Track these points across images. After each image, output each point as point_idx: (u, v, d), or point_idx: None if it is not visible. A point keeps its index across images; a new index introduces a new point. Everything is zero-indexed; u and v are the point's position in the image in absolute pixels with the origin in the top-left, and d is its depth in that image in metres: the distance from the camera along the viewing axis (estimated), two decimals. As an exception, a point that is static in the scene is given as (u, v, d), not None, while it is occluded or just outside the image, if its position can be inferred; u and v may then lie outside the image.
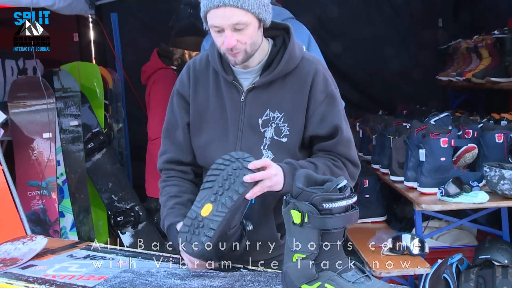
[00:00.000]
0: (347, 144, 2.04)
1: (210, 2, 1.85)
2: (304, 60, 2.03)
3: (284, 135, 2.01)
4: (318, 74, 2.01)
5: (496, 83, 4.31)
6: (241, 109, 2.02)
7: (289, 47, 2.00)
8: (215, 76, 2.08)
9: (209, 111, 2.08)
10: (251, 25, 1.89)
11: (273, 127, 2.01)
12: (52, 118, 4.35)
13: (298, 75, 2.01)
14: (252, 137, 2.02)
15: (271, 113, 2.01)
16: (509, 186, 3.30)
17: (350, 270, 1.58)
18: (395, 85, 5.93)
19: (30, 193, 4.28)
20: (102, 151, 5.13)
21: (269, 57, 2.03)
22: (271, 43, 2.05)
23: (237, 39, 1.89)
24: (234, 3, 1.83)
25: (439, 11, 5.98)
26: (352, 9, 5.85)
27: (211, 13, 1.87)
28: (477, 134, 3.83)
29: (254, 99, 2.02)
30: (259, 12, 1.88)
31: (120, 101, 5.97)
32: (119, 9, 6.06)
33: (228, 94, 2.05)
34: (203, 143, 2.08)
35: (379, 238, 3.90)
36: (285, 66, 1.99)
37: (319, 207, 1.53)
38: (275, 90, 2.01)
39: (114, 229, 5.16)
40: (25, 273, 2.09)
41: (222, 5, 1.84)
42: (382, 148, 4.33)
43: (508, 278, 3.28)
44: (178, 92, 2.15)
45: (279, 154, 2.01)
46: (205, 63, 2.12)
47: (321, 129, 2.01)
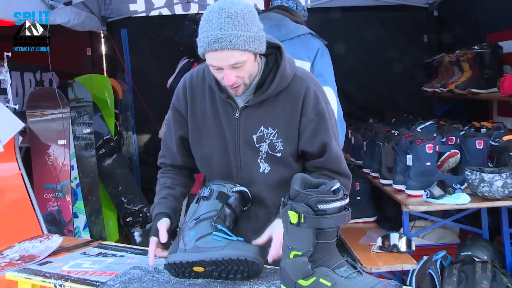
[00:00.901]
0: (336, 159, 2.00)
1: (208, 46, 1.77)
2: (296, 77, 1.97)
3: (278, 150, 1.97)
4: (309, 91, 1.96)
5: (476, 94, 4.32)
6: (236, 125, 1.99)
7: (281, 67, 1.93)
8: (211, 91, 2.04)
9: (207, 125, 2.04)
10: (248, 61, 1.83)
11: (267, 142, 1.97)
12: (66, 126, 4.35)
13: (290, 93, 1.96)
14: (249, 151, 1.99)
15: (265, 130, 1.97)
16: (489, 189, 3.31)
17: (343, 266, 1.59)
18: (385, 96, 5.94)
19: (46, 196, 4.27)
20: (113, 157, 5.12)
21: (262, 75, 1.96)
22: (263, 61, 1.98)
23: (236, 75, 1.84)
24: (231, 46, 1.75)
25: (424, 28, 5.99)
26: (345, 27, 5.86)
27: (209, 54, 1.81)
28: (460, 140, 3.83)
29: (248, 117, 1.97)
30: (255, 48, 1.81)
31: (129, 110, 5.98)
32: (128, 25, 6.08)
33: (223, 110, 2.00)
34: (205, 153, 2.06)
35: (369, 236, 3.90)
36: (277, 85, 1.93)
37: (315, 208, 1.53)
38: (268, 107, 1.96)
39: (123, 228, 5.15)
40: (42, 269, 2.10)
41: (220, 49, 1.76)
42: (372, 154, 4.33)
43: (487, 273, 3.28)
44: (174, 107, 2.12)
45: (275, 166, 1.99)
46: (202, 76, 2.07)
47: (311, 146, 1.97)
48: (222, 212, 1.91)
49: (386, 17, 5.94)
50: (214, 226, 1.86)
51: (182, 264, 1.82)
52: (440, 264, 3.42)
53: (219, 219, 1.89)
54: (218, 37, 1.75)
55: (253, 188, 2.01)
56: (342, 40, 5.61)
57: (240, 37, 1.76)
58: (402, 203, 3.52)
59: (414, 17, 5.97)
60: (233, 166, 2.02)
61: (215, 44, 1.76)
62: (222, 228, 1.86)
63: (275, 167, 1.98)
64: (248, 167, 2.00)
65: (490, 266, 3.33)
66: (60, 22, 4.50)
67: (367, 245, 3.74)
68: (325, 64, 3.09)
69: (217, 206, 1.91)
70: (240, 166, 2.01)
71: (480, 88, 4.29)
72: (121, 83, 5.85)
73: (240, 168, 2.01)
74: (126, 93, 5.90)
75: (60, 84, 4.86)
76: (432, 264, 3.41)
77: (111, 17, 6.04)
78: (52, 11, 4.26)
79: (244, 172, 2.01)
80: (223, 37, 1.74)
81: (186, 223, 1.92)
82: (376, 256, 3.56)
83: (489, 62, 4.31)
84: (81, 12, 5.10)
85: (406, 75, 5.81)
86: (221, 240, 1.82)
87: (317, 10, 5.74)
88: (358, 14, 5.89)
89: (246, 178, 2.01)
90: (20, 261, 2.32)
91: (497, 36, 4.47)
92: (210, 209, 1.91)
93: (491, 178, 3.30)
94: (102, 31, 6.06)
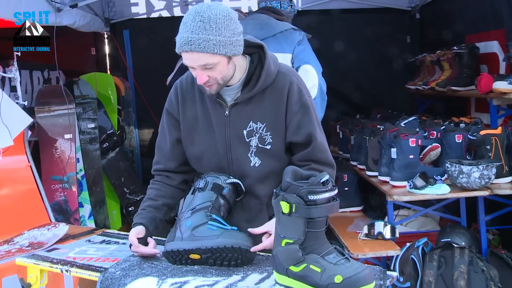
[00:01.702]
0: (322, 148, 1.99)
1: (180, 47, 1.78)
2: (279, 74, 1.97)
3: (268, 143, 1.96)
4: (293, 85, 1.95)
5: (455, 91, 4.32)
6: (226, 122, 1.97)
7: (266, 65, 1.92)
8: (201, 94, 2.02)
9: (198, 126, 2.03)
10: (219, 64, 1.80)
11: (257, 136, 1.96)
12: (72, 121, 4.33)
13: (276, 88, 1.95)
14: (239, 147, 1.98)
15: (254, 124, 1.96)
16: (467, 180, 3.32)
17: (331, 253, 1.59)
18: (371, 93, 5.94)
19: (53, 186, 4.26)
20: (116, 150, 5.11)
21: (247, 74, 1.95)
22: (248, 60, 1.97)
23: (208, 75, 1.83)
24: (199, 49, 1.74)
25: (407, 29, 5.99)
26: (333, 28, 5.85)
27: (182, 54, 1.80)
28: (440, 135, 3.84)
29: (237, 113, 1.96)
30: (226, 51, 1.78)
31: (131, 106, 5.96)
32: (130, 26, 6.05)
33: (213, 110, 1.99)
34: (197, 152, 2.05)
35: (356, 225, 3.91)
36: (263, 82, 1.92)
37: (305, 198, 1.53)
38: (255, 103, 1.95)
39: (126, 217, 5.15)
40: (50, 255, 2.10)
41: (190, 51, 1.76)
42: (359, 147, 4.33)
43: (464, 257, 3.30)
44: (167, 111, 2.10)
45: (265, 159, 1.98)
46: (191, 82, 2.05)
47: (297, 137, 1.97)
48: (217, 202, 1.90)
49: (372, 20, 5.92)
50: (209, 216, 1.86)
51: (179, 252, 1.81)
52: (421, 250, 3.44)
53: (213, 209, 1.88)
54: (189, 40, 1.75)
55: (245, 182, 2.00)
56: (331, 41, 5.62)
57: (210, 41, 1.74)
58: (387, 193, 3.53)
59: (398, 19, 5.97)
60: (225, 162, 2.01)
61: (186, 46, 1.76)
62: (217, 218, 1.86)
63: (265, 160, 1.98)
64: (239, 162, 1.99)
65: (467, 251, 3.35)
66: (66, 24, 4.48)
67: (354, 233, 3.75)
68: (304, 49, 3.20)
69: (212, 197, 1.91)
70: (232, 161, 2.00)
71: (459, 86, 4.30)
72: (123, 80, 5.82)
73: (231, 163, 2.00)
74: (128, 90, 5.88)
75: (66, 82, 4.83)
76: (414, 250, 3.43)
77: (114, 19, 6.01)
78: (59, 13, 4.25)
79: (236, 167, 2.00)
80: (193, 40, 1.74)
81: (182, 213, 1.92)
82: (362, 243, 3.57)
83: (467, 61, 4.32)
84: (86, 14, 5.08)
85: (391, 74, 5.81)
86: (216, 229, 1.82)
87: (307, 13, 5.71)
88: (346, 16, 5.88)
89: (238, 173, 2.00)
90: (29, 247, 2.32)
91: (475, 38, 4.48)
92: (205, 200, 1.90)
93: (469, 170, 3.31)
94: (105, 32, 6.04)
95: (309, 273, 1.56)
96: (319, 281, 1.54)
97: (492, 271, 3.29)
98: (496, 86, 3.58)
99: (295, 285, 1.60)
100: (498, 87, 3.56)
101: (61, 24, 4.26)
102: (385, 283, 1.64)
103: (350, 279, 1.51)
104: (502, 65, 4.11)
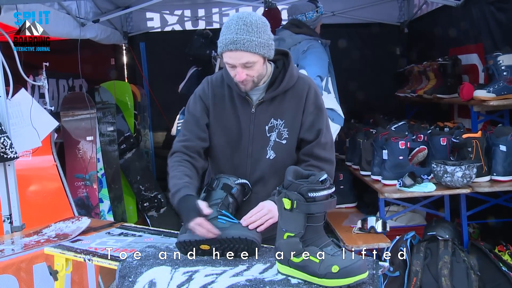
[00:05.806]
0: (323, 147, 2.01)
1: (225, 46, 1.85)
2: (299, 79, 2.05)
3: (284, 138, 2.01)
4: (311, 89, 2.04)
5: (440, 98, 4.32)
6: (252, 119, 2.02)
7: (289, 70, 2.01)
8: (230, 91, 2.06)
9: (225, 119, 2.05)
10: (258, 63, 1.89)
11: (276, 132, 2.01)
12: (93, 125, 4.35)
13: (296, 90, 2.02)
14: (260, 141, 2.02)
15: (274, 121, 2.01)
16: (451, 179, 3.32)
17: (329, 245, 1.58)
18: (364, 100, 5.90)
19: (77, 184, 4.27)
20: (132, 151, 5.12)
21: (272, 77, 2.02)
22: (273, 66, 2.04)
23: (246, 73, 1.90)
24: (244, 48, 1.83)
25: (397, 42, 5.99)
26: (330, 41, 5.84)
27: (225, 54, 1.88)
28: (427, 138, 3.84)
29: (262, 111, 2.02)
30: (264, 52, 1.88)
31: (146, 111, 5.98)
32: (146, 39, 6.08)
33: (240, 106, 2.03)
34: (222, 141, 2.05)
35: (351, 220, 3.92)
36: (286, 84, 2.00)
37: (305, 195, 1.53)
38: (277, 103, 2.02)
39: (141, 212, 5.15)
40: (74, 245, 2.11)
41: (235, 50, 1.84)
42: (354, 149, 4.33)
43: (448, 249, 3.30)
44: (200, 98, 2.08)
45: (279, 153, 2.02)
46: (220, 81, 2.09)
47: (309, 134, 2.01)
48: (226, 200, 1.91)
49: (364, 33, 5.93)
50: (219, 211, 1.86)
51: (191, 242, 1.81)
52: (410, 243, 3.43)
53: (223, 206, 1.89)
54: (234, 40, 1.83)
55: (257, 171, 2.03)
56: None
57: (252, 42, 1.83)
58: (378, 191, 3.53)
59: (388, 33, 5.97)
60: (244, 153, 2.03)
61: (231, 45, 1.84)
62: (226, 213, 1.86)
63: (279, 154, 2.02)
64: (257, 154, 2.03)
65: (450, 243, 3.34)
66: (89, 37, 4.51)
67: (349, 227, 3.75)
68: (305, 57, 3.29)
69: (222, 195, 1.92)
70: (251, 154, 2.03)
71: (443, 94, 4.29)
72: (139, 88, 5.84)
73: (251, 155, 2.03)
74: (144, 96, 5.89)
75: (88, 89, 4.86)
76: (403, 243, 3.42)
77: (132, 32, 6.04)
78: (83, 28, 4.27)
79: (253, 158, 2.03)
80: (238, 40, 1.83)
81: None
82: (356, 236, 3.57)
83: (450, 72, 4.32)
84: (106, 28, 5.10)
85: (382, 82, 5.81)
86: (225, 222, 1.82)
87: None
88: (342, 30, 5.87)
89: (253, 164, 2.03)
90: (56, 238, 2.33)
91: (457, 51, 4.48)
92: (216, 197, 1.91)
93: (453, 169, 3.30)
94: (124, 44, 6.05)
95: (309, 264, 1.55)
96: (317, 270, 1.54)
97: (472, 261, 3.30)
98: (476, 94, 3.58)
99: (296, 274, 1.60)
100: (478, 95, 3.56)
101: (84, 37, 4.28)
102: (377, 273, 1.64)
103: (346, 269, 1.51)
104: (481, 75, 4.10)
